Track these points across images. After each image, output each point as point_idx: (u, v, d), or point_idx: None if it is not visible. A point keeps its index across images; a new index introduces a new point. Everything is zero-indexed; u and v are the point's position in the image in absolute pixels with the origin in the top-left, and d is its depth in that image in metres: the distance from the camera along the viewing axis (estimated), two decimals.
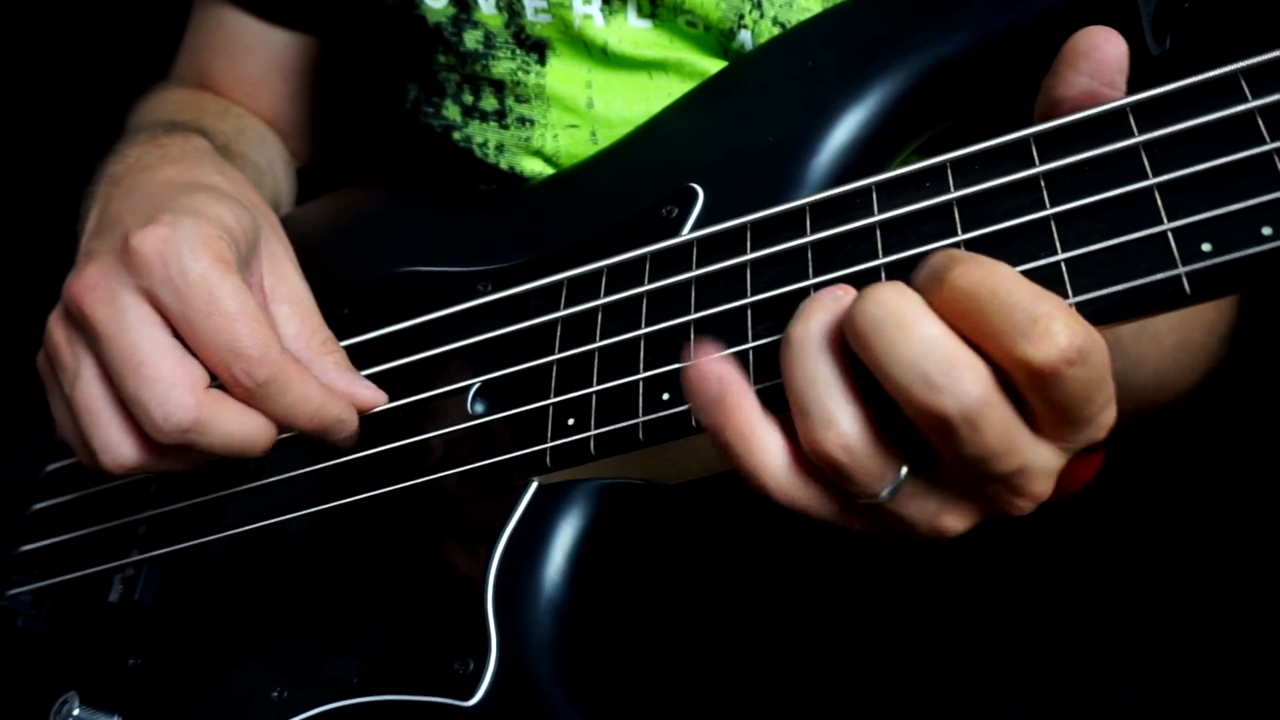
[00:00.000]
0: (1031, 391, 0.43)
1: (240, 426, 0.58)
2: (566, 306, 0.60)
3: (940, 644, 0.76)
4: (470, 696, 0.54)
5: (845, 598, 0.77)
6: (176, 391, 0.57)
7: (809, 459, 0.47)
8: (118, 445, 0.60)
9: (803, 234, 0.53)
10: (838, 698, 0.75)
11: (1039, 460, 0.45)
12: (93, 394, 0.60)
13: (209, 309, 0.57)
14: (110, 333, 0.58)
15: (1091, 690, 0.73)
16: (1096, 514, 0.92)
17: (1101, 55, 0.49)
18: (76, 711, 0.62)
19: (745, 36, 0.67)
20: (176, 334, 0.59)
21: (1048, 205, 0.47)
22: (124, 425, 0.60)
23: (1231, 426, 1.18)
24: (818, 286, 0.52)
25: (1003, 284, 0.42)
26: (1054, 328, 0.41)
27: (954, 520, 0.48)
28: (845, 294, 0.47)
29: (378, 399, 0.63)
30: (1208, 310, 0.72)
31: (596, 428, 0.56)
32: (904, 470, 0.46)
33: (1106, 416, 0.45)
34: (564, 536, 0.56)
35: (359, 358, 0.66)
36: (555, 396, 0.58)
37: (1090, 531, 0.89)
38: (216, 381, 0.59)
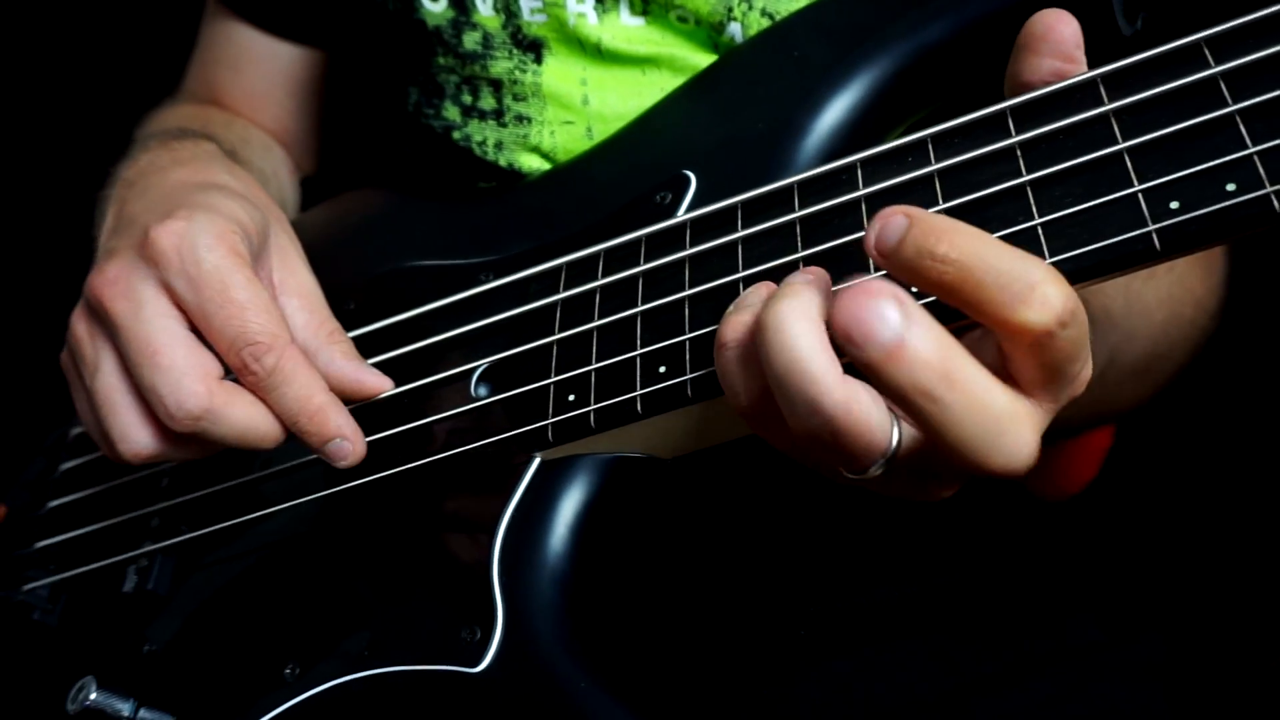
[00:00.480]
0: (1026, 355, 0.43)
1: (250, 417, 0.60)
2: (565, 289, 0.62)
3: (939, 637, 0.77)
4: (477, 663, 0.56)
5: (844, 591, 0.78)
6: (188, 380, 0.59)
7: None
8: (134, 434, 0.61)
9: (791, 210, 0.55)
10: (836, 688, 0.76)
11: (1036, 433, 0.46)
12: (112, 385, 0.62)
13: (222, 298, 0.59)
14: (128, 324, 0.60)
15: (1087, 686, 0.74)
16: (1094, 512, 0.93)
17: (1058, 36, 0.50)
18: (94, 695, 0.62)
19: (735, 29, 0.68)
20: (192, 327, 0.61)
21: (1024, 173, 0.49)
22: (140, 414, 0.61)
23: (1229, 425, 1.20)
24: (807, 260, 0.54)
25: (991, 252, 0.42)
26: (1049, 292, 0.41)
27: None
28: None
29: (384, 385, 0.65)
30: (1195, 287, 0.74)
31: (596, 402, 0.57)
32: (891, 446, 0.45)
33: (1086, 372, 0.46)
34: (566, 509, 0.58)
35: (365, 348, 0.67)
36: (556, 375, 0.60)
37: (1088, 529, 0.90)
38: (231, 376, 0.61)
